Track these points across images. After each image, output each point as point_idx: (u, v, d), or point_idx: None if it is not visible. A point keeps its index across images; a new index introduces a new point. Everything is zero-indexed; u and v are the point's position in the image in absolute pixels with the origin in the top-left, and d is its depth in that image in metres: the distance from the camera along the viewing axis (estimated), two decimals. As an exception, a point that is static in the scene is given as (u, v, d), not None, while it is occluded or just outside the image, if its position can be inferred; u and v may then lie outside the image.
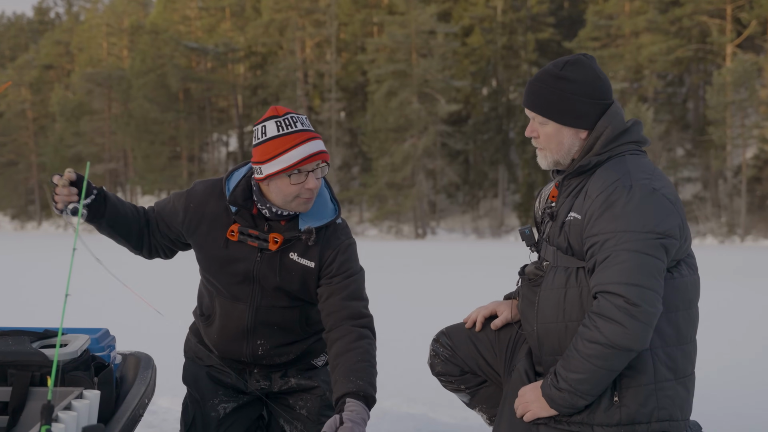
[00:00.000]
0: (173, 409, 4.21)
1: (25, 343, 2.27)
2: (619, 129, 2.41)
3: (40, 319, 4.26)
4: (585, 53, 2.50)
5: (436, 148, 37.44)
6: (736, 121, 32.75)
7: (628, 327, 2.19)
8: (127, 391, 2.39)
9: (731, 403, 4.57)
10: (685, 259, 2.40)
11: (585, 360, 2.25)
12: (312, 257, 2.66)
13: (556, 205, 2.47)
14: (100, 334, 2.53)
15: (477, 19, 40.82)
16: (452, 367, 2.79)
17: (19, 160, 53.05)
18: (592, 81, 2.42)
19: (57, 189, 2.44)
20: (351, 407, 2.37)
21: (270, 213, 2.66)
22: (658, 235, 2.24)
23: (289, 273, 2.67)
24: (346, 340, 2.55)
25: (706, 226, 32.50)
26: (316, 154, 2.56)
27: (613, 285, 2.21)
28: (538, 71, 2.52)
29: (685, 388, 2.37)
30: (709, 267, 15.09)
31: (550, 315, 2.41)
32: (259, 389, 2.85)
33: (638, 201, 2.26)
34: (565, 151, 2.46)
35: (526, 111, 2.52)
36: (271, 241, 2.64)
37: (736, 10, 35.63)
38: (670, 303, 2.32)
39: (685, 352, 2.37)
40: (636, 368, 2.30)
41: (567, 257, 2.40)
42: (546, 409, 2.37)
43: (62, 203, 2.45)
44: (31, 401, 2.15)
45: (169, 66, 43.02)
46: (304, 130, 2.58)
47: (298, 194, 2.58)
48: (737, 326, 7.87)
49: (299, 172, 2.55)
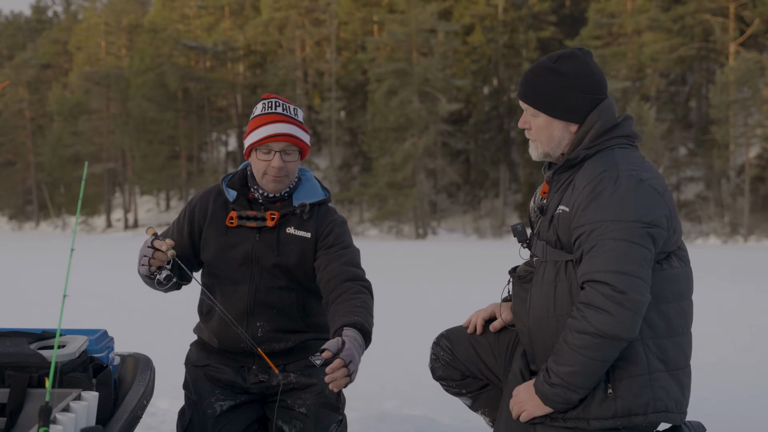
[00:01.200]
0: (172, 411, 4.22)
1: (23, 345, 2.26)
2: (609, 124, 2.41)
3: (38, 320, 4.23)
4: (581, 47, 2.50)
5: (437, 148, 37.44)
6: (739, 120, 32.75)
7: (615, 315, 2.18)
8: (126, 393, 2.38)
9: (735, 404, 4.55)
10: (676, 252, 2.38)
11: (575, 352, 2.23)
12: (308, 228, 2.81)
13: (547, 200, 2.48)
14: (99, 335, 2.53)
15: (478, 18, 40.86)
16: (453, 371, 2.79)
17: (16, 160, 53.18)
18: (585, 75, 2.42)
19: (157, 253, 2.59)
20: (348, 333, 2.40)
21: (262, 198, 2.83)
22: (644, 225, 2.23)
23: (287, 247, 2.79)
24: (347, 293, 2.62)
25: (709, 226, 32.44)
26: (283, 135, 2.74)
27: (599, 273, 2.20)
28: (534, 63, 2.54)
29: (678, 381, 2.35)
30: (712, 267, 15.37)
31: (541, 311, 2.40)
32: (258, 383, 2.86)
33: (625, 191, 2.25)
34: (555, 143, 2.47)
35: (519, 102, 2.53)
36: (269, 218, 2.79)
37: (739, 8, 35.62)
38: (660, 294, 2.30)
39: (677, 345, 2.35)
40: (628, 359, 2.29)
41: (556, 251, 2.40)
42: (540, 407, 2.35)
43: (156, 267, 2.61)
44: (29, 403, 2.14)
45: (168, 65, 43.04)
46: (281, 113, 2.79)
47: (266, 171, 2.77)
48: (740, 327, 7.83)
49: (268, 150, 2.75)
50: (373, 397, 4.70)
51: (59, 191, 51.00)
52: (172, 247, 2.58)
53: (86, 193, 46.50)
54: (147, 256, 2.60)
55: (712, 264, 16.34)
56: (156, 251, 2.58)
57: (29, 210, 54.83)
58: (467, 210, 41.23)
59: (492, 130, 39.30)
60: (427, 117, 36.47)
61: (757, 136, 32.73)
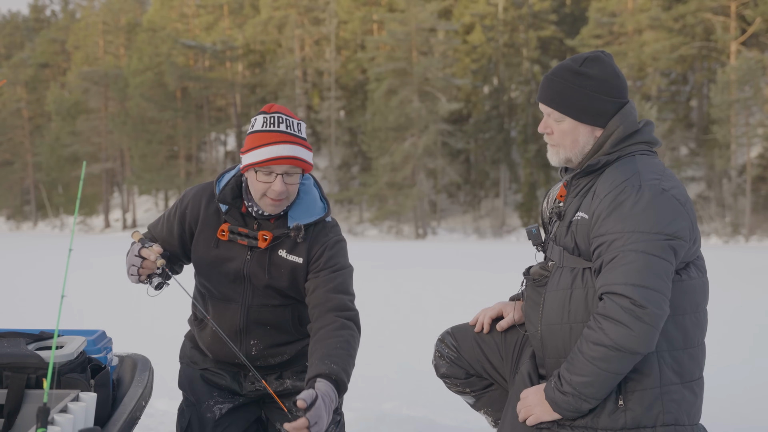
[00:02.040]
0: (170, 412, 4.21)
1: (21, 345, 2.27)
2: (631, 129, 2.39)
3: (36, 321, 4.51)
4: (603, 50, 2.48)
5: (437, 148, 37.30)
6: (740, 120, 32.53)
7: (634, 329, 2.16)
8: (124, 394, 2.38)
9: (738, 409, 4.53)
10: (695, 261, 2.36)
11: (589, 363, 2.22)
12: (300, 253, 2.69)
13: (564, 204, 2.46)
14: (97, 336, 2.53)
15: (478, 17, 40.72)
16: (457, 369, 2.77)
17: (14, 160, 53.15)
18: (612, 78, 2.41)
19: (146, 262, 2.52)
20: (320, 386, 2.34)
21: (256, 214, 2.71)
22: (666, 237, 2.21)
23: (279, 270, 2.70)
24: (328, 328, 2.54)
25: (710, 226, 32.24)
26: (289, 158, 2.57)
27: (619, 286, 2.19)
28: (555, 66, 2.48)
29: (692, 392, 2.34)
30: (714, 267, 15.06)
31: (555, 316, 2.38)
32: (254, 391, 2.85)
33: (647, 201, 2.23)
34: (579, 148, 2.44)
35: (541, 106, 2.48)
36: (261, 238, 2.67)
37: (741, 7, 35.45)
38: (678, 306, 2.28)
39: (692, 356, 2.34)
40: (642, 371, 2.28)
41: (573, 257, 2.38)
42: (549, 413, 2.33)
43: (145, 275, 2.57)
44: (27, 404, 2.15)
45: (167, 64, 42.83)
46: (285, 132, 2.60)
47: (265, 193, 2.61)
48: (743, 328, 7.79)
49: (269, 171, 2.58)
50: (372, 398, 4.70)
51: (57, 191, 50.95)
52: (161, 254, 2.52)
53: (84, 193, 46.41)
54: (135, 265, 2.54)
55: (713, 265, 16.11)
56: (144, 260, 2.52)
57: (27, 210, 54.91)
58: (467, 210, 41.19)
59: (492, 130, 39.11)
60: (427, 116, 36.34)
61: (759, 135, 32.56)
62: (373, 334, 6.66)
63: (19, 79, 52.19)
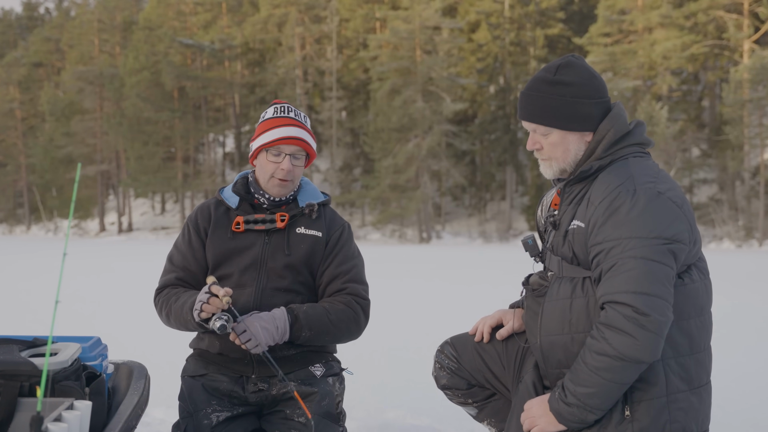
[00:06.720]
0: (167, 421, 4.24)
1: (14, 352, 2.26)
2: (622, 132, 2.39)
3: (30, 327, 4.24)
4: (573, 53, 2.49)
5: (441, 149, 37.35)
6: (753, 120, 32.43)
7: (638, 338, 2.15)
8: (120, 402, 2.37)
9: (748, 414, 4.53)
10: (696, 263, 2.34)
11: (594, 373, 2.21)
12: (319, 228, 2.91)
13: (559, 213, 2.45)
14: (92, 343, 2.52)
15: (484, 14, 40.89)
16: (459, 380, 2.78)
17: (7, 162, 53.66)
18: (589, 80, 2.41)
19: (213, 299, 2.60)
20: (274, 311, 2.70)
21: (267, 202, 2.92)
22: (665, 241, 2.20)
23: (298, 246, 2.87)
24: (333, 299, 2.81)
25: (723, 229, 32.25)
26: (297, 139, 2.85)
27: (620, 294, 2.18)
28: (530, 81, 2.49)
29: (700, 398, 2.32)
30: (726, 272, 15.53)
31: (555, 327, 2.38)
32: (257, 392, 2.86)
33: (643, 206, 2.22)
34: (572, 156, 2.43)
35: (524, 124, 2.48)
36: (278, 219, 2.87)
37: (754, 4, 35.44)
38: (682, 311, 2.27)
39: (699, 361, 2.33)
40: (648, 380, 2.26)
41: (572, 267, 2.37)
42: (554, 424, 2.32)
43: (209, 313, 2.62)
44: (20, 412, 2.11)
45: (164, 63, 42.76)
46: (293, 118, 2.90)
47: (273, 174, 2.85)
48: (756, 333, 7.77)
49: (278, 152, 2.85)
50: (376, 407, 4.71)
51: (51, 194, 51.33)
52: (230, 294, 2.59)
53: (79, 196, 46.76)
54: (202, 301, 2.61)
55: (726, 269, 16.33)
56: (212, 297, 2.59)
57: (20, 213, 55.54)
58: (473, 213, 41.53)
59: (498, 131, 39.33)
60: (431, 117, 36.38)
61: (773, 136, 32.40)
62: (377, 342, 6.76)
63: (12, 78, 52.79)
